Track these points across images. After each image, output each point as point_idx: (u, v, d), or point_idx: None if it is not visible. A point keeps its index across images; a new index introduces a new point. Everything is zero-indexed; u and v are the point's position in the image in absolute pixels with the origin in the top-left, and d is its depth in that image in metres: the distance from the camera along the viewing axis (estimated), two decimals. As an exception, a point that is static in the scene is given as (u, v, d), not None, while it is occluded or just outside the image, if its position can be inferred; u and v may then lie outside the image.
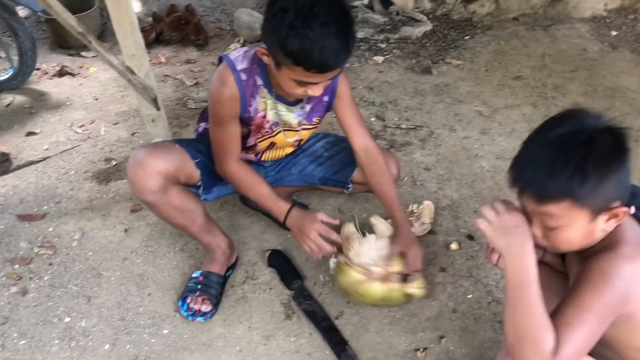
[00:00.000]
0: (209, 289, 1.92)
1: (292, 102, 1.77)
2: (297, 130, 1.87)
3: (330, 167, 2.02)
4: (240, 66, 1.66)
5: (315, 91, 1.57)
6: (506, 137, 2.71)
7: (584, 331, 1.10)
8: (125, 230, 2.24)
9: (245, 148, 1.89)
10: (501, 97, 3.03)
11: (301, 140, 1.94)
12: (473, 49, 3.54)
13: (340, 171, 2.00)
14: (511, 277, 1.16)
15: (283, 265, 2.04)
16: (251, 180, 1.79)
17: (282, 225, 1.88)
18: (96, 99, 3.15)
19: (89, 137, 2.81)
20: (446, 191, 2.39)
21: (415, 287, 1.75)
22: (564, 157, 1.09)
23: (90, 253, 2.15)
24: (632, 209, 1.17)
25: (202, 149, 1.87)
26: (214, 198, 1.95)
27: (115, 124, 2.92)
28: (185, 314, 1.88)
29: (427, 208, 2.21)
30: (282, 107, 1.77)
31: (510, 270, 1.17)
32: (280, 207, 1.78)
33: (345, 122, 1.85)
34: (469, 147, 2.65)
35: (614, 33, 3.64)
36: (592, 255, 1.15)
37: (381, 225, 1.85)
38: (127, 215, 2.31)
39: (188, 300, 1.89)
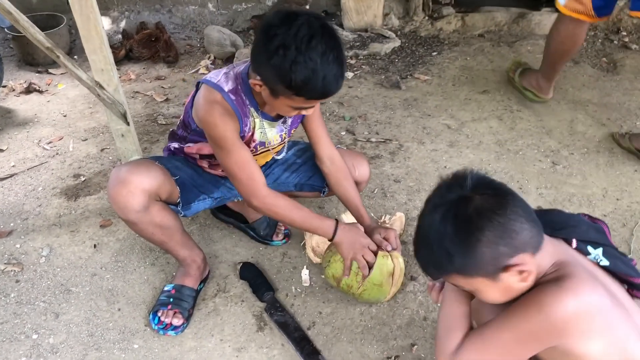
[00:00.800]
0: (182, 303, 1.91)
1: (275, 118, 1.80)
2: (282, 144, 1.93)
3: (305, 173, 2.05)
4: (226, 87, 1.66)
5: (310, 112, 1.65)
6: (473, 149, 2.76)
7: (493, 346, 1.16)
8: (95, 246, 2.22)
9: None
10: (468, 110, 3.10)
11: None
12: (440, 64, 3.62)
13: (315, 175, 2.03)
14: None
15: (255, 278, 2.04)
16: (289, 206, 1.78)
17: (264, 241, 2.01)
18: (65, 116, 3.12)
19: (57, 154, 2.78)
20: (416, 202, 2.43)
21: (401, 260, 1.88)
22: (429, 242, 1.15)
23: (59, 269, 2.12)
24: (574, 242, 1.21)
25: (180, 165, 1.88)
26: (192, 214, 1.95)
27: (84, 140, 2.90)
28: (156, 327, 1.86)
29: (399, 219, 2.24)
30: (266, 124, 1.80)
31: None
32: (326, 223, 1.81)
33: (313, 132, 1.90)
34: (438, 159, 2.70)
35: (575, 49, 3.76)
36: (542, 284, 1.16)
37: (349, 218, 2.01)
38: (97, 231, 2.29)
39: (159, 314, 1.88)
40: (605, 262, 1.22)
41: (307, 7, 3.75)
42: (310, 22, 1.43)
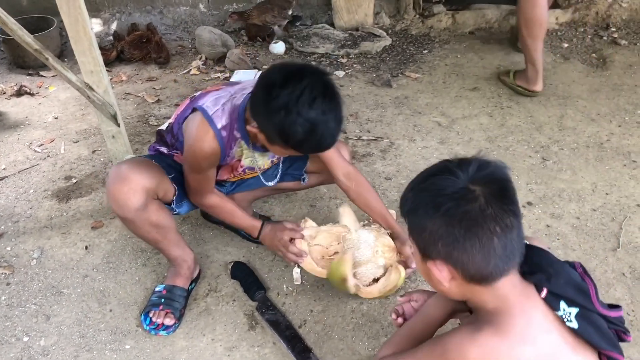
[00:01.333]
0: (173, 303, 1.91)
1: (266, 149, 1.80)
2: (271, 165, 1.99)
3: (283, 164, 2.07)
4: (219, 123, 1.68)
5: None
6: (464, 145, 2.78)
7: None
8: (86, 248, 2.22)
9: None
10: (459, 108, 3.11)
11: None
12: (431, 62, 3.63)
13: (293, 165, 2.09)
14: None
15: (246, 277, 2.05)
16: (225, 208, 1.92)
17: (256, 240, 2.03)
18: (56, 118, 3.12)
19: (48, 156, 2.78)
20: (407, 199, 2.43)
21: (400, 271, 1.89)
22: (415, 187, 1.13)
23: (50, 271, 2.12)
24: (544, 292, 1.11)
25: (172, 163, 1.91)
26: (185, 212, 2.00)
27: (76, 142, 2.90)
28: (147, 327, 1.86)
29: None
30: (257, 155, 1.86)
31: None
32: (253, 224, 1.96)
33: (324, 156, 1.92)
34: (428, 156, 2.71)
35: (565, 45, 3.77)
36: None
37: (348, 218, 2.00)
38: (88, 233, 2.29)
39: (151, 314, 1.88)
40: (573, 325, 1.10)
41: (290, 11, 3.75)
42: (313, 84, 1.46)
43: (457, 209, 1.02)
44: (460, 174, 1.05)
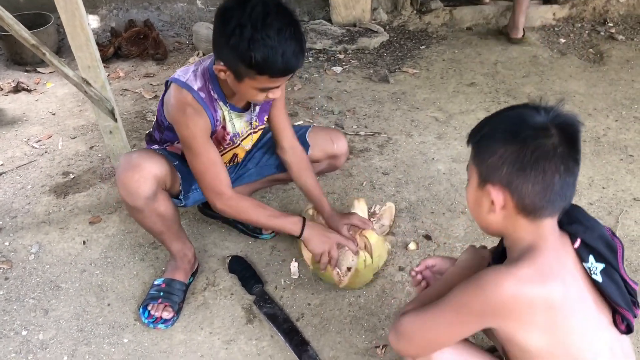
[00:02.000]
0: (172, 296, 1.92)
1: (243, 109, 1.82)
2: (251, 134, 1.92)
3: None
4: (195, 85, 1.67)
5: (276, 94, 1.63)
6: (461, 140, 2.78)
7: (430, 314, 1.20)
8: (84, 242, 2.22)
9: None
10: (456, 103, 3.12)
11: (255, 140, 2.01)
12: (428, 57, 3.63)
13: None
14: None
15: (244, 271, 2.05)
16: (253, 206, 1.81)
17: (255, 235, 2.01)
18: (53, 114, 3.12)
19: (46, 152, 2.78)
20: (404, 194, 2.44)
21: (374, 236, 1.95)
22: (494, 118, 1.18)
23: (48, 266, 2.12)
24: (578, 242, 1.16)
25: (174, 153, 1.89)
26: (192, 204, 1.98)
27: (73, 138, 2.90)
28: (146, 321, 1.87)
29: (389, 210, 2.26)
30: (234, 116, 1.81)
31: None
32: (292, 221, 1.83)
33: (277, 121, 1.92)
34: (426, 151, 2.72)
35: (562, 40, 3.78)
36: None
37: (361, 212, 2.05)
38: (86, 228, 2.29)
39: (149, 308, 1.89)
40: (598, 278, 1.16)
41: None
42: (264, 2, 1.46)
43: (534, 139, 1.07)
44: (543, 112, 1.11)
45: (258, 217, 1.81)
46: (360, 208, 2.07)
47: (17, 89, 3.34)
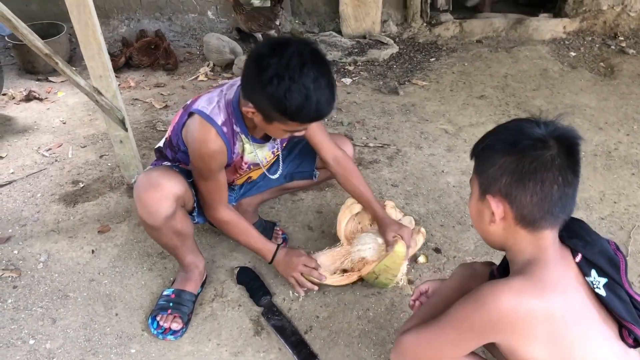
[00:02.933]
0: (181, 307, 1.91)
1: (263, 139, 1.84)
2: (274, 158, 1.98)
3: (293, 162, 2.09)
4: (219, 120, 1.68)
5: (302, 133, 1.68)
6: (471, 153, 2.77)
7: (431, 330, 1.21)
8: (93, 252, 2.22)
9: None
10: (466, 115, 3.11)
11: None
12: (438, 70, 3.63)
13: (303, 162, 2.10)
14: None
15: (252, 282, 2.04)
16: (240, 226, 1.91)
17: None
18: (64, 123, 3.13)
19: (56, 160, 2.79)
20: (413, 206, 2.43)
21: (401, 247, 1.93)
22: (495, 131, 1.20)
23: (56, 275, 2.12)
24: (579, 257, 1.16)
25: (187, 171, 1.88)
26: (204, 222, 1.98)
27: (83, 147, 2.91)
28: (155, 332, 1.86)
29: (421, 234, 2.15)
30: (257, 147, 1.84)
31: None
32: (267, 247, 1.95)
33: (314, 139, 1.95)
34: (435, 163, 2.71)
35: (572, 54, 3.77)
36: None
37: (393, 210, 2.14)
38: (95, 237, 2.29)
39: (158, 318, 1.88)
40: (601, 292, 1.14)
41: (277, 21, 3.76)
42: (301, 50, 1.47)
43: (533, 150, 1.09)
44: (543, 125, 1.13)
45: (238, 238, 1.94)
46: (390, 209, 2.13)
47: (29, 97, 3.37)
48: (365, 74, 3.61)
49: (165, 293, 1.95)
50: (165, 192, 1.70)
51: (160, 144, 1.98)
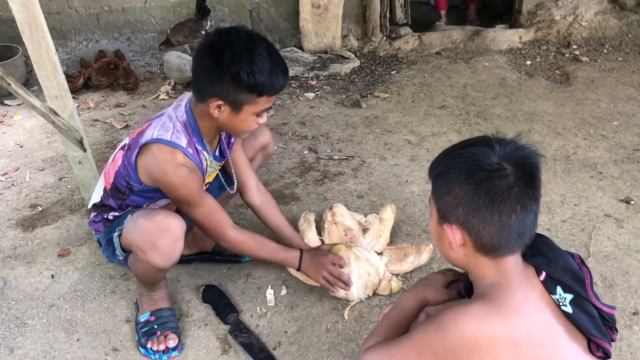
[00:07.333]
0: (167, 324, 1.85)
1: (219, 157, 1.86)
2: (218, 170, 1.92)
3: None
4: (183, 142, 1.64)
5: (264, 118, 1.69)
6: (434, 162, 2.79)
7: (396, 354, 1.18)
8: (52, 276, 2.15)
9: None
10: (428, 125, 3.14)
11: None
12: (399, 82, 3.67)
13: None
14: None
15: (218, 300, 2.00)
16: (256, 242, 1.87)
17: (234, 260, 2.03)
18: (21, 146, 3.06)
19: (12, 185, 2.72)
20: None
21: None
22: (449, 157, 1.15)
23: (14, 302, 2.04)
24: (543, 275, 1.14)
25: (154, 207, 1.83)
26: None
27: (42, 170, 2.84)
28: (155, 357, 1.80)
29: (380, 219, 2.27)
30: (216, 165, 1.85)
31: None
32: (292, 254, 1.92)
33: (240, 163, 1.97)
34: (399, 173, 2.72)
35: (529, 62, 3.86)
36: None
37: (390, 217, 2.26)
38: (54, 261, 2.22)
39: (149, 345, 1.81)
40: (568, 309, 1.12)
41: (203, 31, 3.79)
42: (241, 31, 1.55)
43: (488, 181, 1.06)
44: (498, 149, 1.09)
45: (259, 253, 1.89)
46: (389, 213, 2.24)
47: (-17, 121, 3.28)
48: (328, 88, 3.63)
49: (142, 320, 1.87)
50: (177, 233, 1.64)
51: (95, 200, 1.84)
